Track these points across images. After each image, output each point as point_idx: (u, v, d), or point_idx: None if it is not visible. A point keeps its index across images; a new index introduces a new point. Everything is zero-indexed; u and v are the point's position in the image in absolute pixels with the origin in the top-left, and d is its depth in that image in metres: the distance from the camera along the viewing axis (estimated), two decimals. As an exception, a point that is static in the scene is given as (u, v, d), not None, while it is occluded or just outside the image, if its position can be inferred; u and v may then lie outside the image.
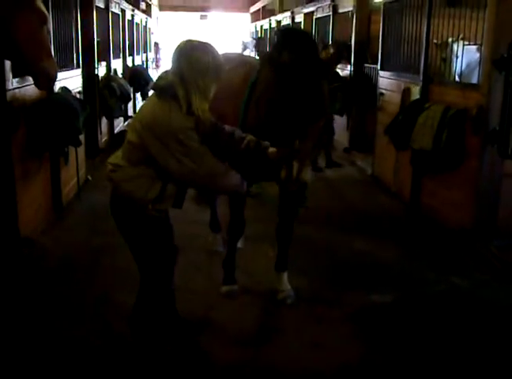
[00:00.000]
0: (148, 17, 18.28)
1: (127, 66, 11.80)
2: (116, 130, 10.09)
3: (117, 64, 10.56)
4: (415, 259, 4.95)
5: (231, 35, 29.44)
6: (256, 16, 23.05)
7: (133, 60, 12.92)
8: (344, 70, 9.40)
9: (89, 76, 7.88)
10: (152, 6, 21.40)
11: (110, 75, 9.40)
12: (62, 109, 5.01)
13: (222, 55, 3.03)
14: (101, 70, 8.86)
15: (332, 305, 4.06)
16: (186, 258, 3.49)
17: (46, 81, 4.17)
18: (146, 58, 16.64)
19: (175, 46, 2.88)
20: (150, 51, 19.16)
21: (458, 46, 5.88)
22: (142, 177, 2.91)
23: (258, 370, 3.27)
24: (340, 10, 9.74)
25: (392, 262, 4.86)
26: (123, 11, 11.67)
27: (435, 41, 6.17)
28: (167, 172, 2.90)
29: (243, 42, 24.00)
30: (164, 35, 28.20)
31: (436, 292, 4.32)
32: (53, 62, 4.07)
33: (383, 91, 7.48)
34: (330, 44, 8.82)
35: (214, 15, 27.48)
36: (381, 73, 7.67)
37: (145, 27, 17.38)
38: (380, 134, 7.01)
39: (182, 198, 3.08)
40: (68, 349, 3.40)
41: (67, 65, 6.40)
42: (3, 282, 4.16)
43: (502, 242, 4.87)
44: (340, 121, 9.27)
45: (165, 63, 25.76)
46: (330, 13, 10.02)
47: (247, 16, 25.86)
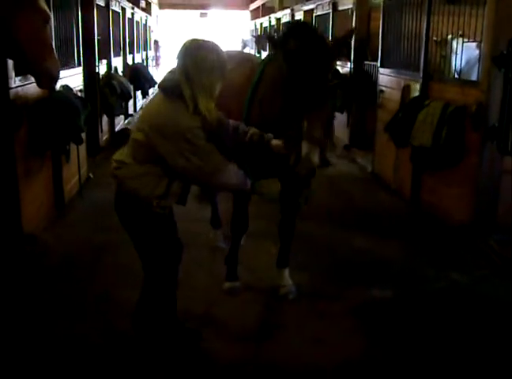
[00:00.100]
0: (148, 15, 18.31)
1: (127, 64, 11.82)
2: (117, 128, 10.11)
3: (117, 62, 10.58)
4: (415, 255, 4.98)
5: (230, 32, 29.44)
6: (256, 13, 23.03)
7: (133, 58, 12.95)
8: (344, 67, 9.42)
9: (90, 74, 7.90)
10: (152, 4, 21.39)
11: (110, 73, 9.42)
12: (64, 107, 5.03)
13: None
14: (102, 68, 8.88)
15: (333, 300, 4.09)
16: (188, 255, 3.50)
17: (48, 81, 4.18)
18: (146, 56, 16.67)
19: (180, 45, 2.89)
20: (150, 49, 19.19)
21: (457, 43, 5.89)
22: (148, 175, 2.92)
23: (260, 367, 3.29)
24: (339, 8, 9.74)
25: (392, 258, 4.88)
26: (123, 9, 11.70)
27: (435, 38, 6.19)
28: (174, 170, 2.91)
29: (243, 39, 24.02)
30: (164, 33, 28.22)
31: (436, 288, 4.35)
32: (55, 61, 4.08)
33: (383, 88, 7.50)
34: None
35: (214, 13, 27.47)
36: (381, 71, 7.69)
37: (145, 25, 17.40)
38: (380, 131, 7.03)
39: (186, 195, 3.10)
40: (69, 346, 3.41)
41: (68, 63, 6.42)
42: (6, 279, 4.18)
43: (501, 238, 4.90)
44: (340, 118, 9.30)
45: (165, 61, 25.81)
46: (330, 11, 10.02)
47: (247, 13, 25.84)
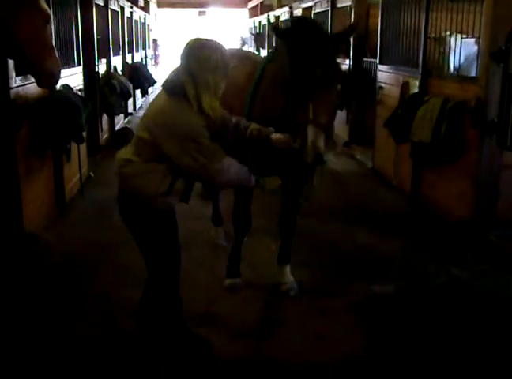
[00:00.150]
0: (146, 14, 18.32)
1: (127, 63, 11.84)
2: (117, 127, 10.12)
3: (117, 61, 10.60)
4: (416, 251, 5.00)
5: (229, 30, 29.42)
6: (254, 11, 23.02)
7: (132, 57, 12.96)
8: (343, 64, 9.43)
9: (90, 73, 7.91)
10: (151, 3, 21.41)
11: (110, 72, 9.43)
12: (65, 106, 5.05)
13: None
14: (101, 68, 8.90)
15: (334, 296, 4.11)
16: (189, 253, 3.52)
17: (48, 81, 4.19)
18: (145, 55, 16.69)
19: (182, 44, 2.91)
20: (149, 48, 19.20)
21: (455, 40, 5.89)
22: (153, 172, 2.93)
23: (261, 363, 3.30)
24: (338, 5, 9.75)
25: (393, 254, 4.90)
26: (122, 8, 11.71)
27: (432, 35, 6.20)
28: (179, 168, 2.93)
29: (242, 37, 23.99)
30: (163, 31, 28.21)
31: (437, 283, 4.37)
32: (56, 61, 4.08)
33: (382, 85, 7.51)
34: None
35: (212, 11, 27.47)
36: (380, 67, 7.71)
37: (144, 24, 17.42)
38: (380, 128, 7.05)
39: (189, 193, 3.12)
40: (69, 345, 3.41)
41: (68, 62, 6.43)
42: (8, 277, 4.20)
43: (501, 233, 4.92)
44: (339, 115, 9.29)
45: (164, 60, 25.80)
46: (329, 8, 10.03)
47: (245, 11, 25.83)
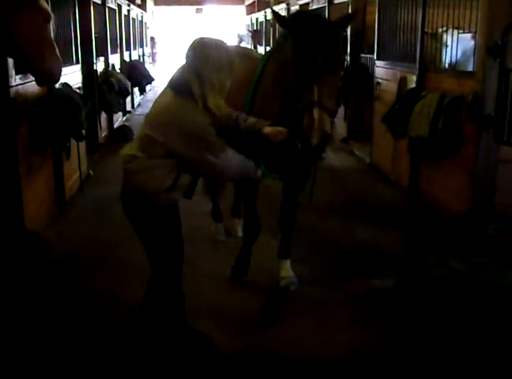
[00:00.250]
0: (143, 12, 18.34)
1: (125, 61, 11.86)
2: (115, 125, 10.14)
3: (114, 59, 10.62)
4: (414, 245, 5.03)
5: (226, 28, 29.43)
6: (251, 8, 23.03)
7: (130, 55, 12.98)
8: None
9: (88, 71, 7.93)
10: (148, 1, 21.42)
11: (108, 70, 9.46)
12: (65, 104, 5.06)
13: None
14: (99, 65, 8.92)
15: (335, 290, 4.14)
16: (190, 248, 3.54)
17: (48, 80, 4.20)
18: (143, 53, 16.72)
19: (189, 43, 2.93)
20: (146, 46, 19.23)
21: (449, 35, 5.91)
22: (158, 168, 2.95)
23: (261, 358, 3.32)
24: (335, 1, 9.74)
25: (392, 249, 4.93)
26: (119, 6, 11.74)
27: (429, 31, 6.21)
28: (185, 164, 2.96)
29: (239, 34, 24.02)
30: (160, 29, 28.21)
31: (436, 276, 4.41)
32: (57, 60, 4.07)
33: (380, 80, 7.54)
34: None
35: (209, 8, 27.47)
36: (377, 63, 7.73)
37: (141, 21, 17.44)
38: (377, 123, 7.08)
39: (193, 189, 3.14)
40: (70, 341, 3.43)
41: (66, 60, 6.43)
42: (10, 275, 4.22)
43: (499, 226, 4.96)
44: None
45: (161, 57, 25.80)
46: (326, 4, 10.03)
47: (242, 8, 25.85)
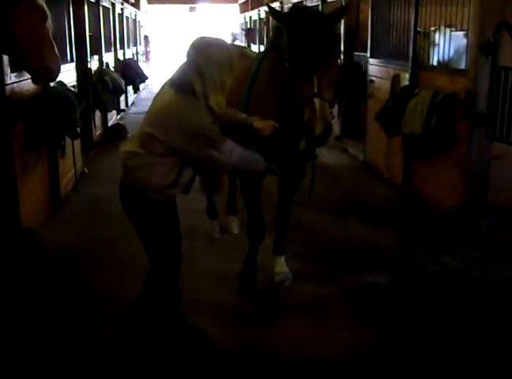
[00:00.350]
0: (137, 11, 18.32)
1: (118, 60, 11.86)
2: (110, 123, 10.15)
3: (108, 57, 10.62)
4: (408, 241, 5.07)
5: (220, 26, 29.41)
6: (245, 7, 23.02)
7: (124, 53, 12.99)
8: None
9: (83, 70, 7.94)
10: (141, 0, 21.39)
11: (102, 69, 9.47)
12: (60, 102, 5.08)
13: None
14: (94, 64, 8.92)
15: (329, 286, 4.17)
16: (187, 245, 3.56)
17: (43, 79, 4.20)
18: (136, 51, 16.71)
19: (190, 43, 2.96)
20: (140, 45, 19.22)
21: (443, 34, 5.94)
22: (158, 165, 2.97)
23: (256, 353, 3.34)
24: (329, -1, 9.80)
25: (386, 245, 4.97)
26: (113, 5, 11.75)
27: (419, 29, 6.25)
28: (188, 161, 2.99)
29: (233, 33, 24.02)
30: (154, 28, 28.18)
31: (429, 272, 4.45)
32: (55, 58, 4.06)
33: (373, 78, 7.58)
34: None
35: (203, 7, 27.45)
36: (370, 61, 7.77)
37: (135, 20, 17.43)
38: (371, 121, 7.11)
39: (191, 185, 3.17)
40: (68, 341, 3.44)
41: (61, 59, 6.43)
42: (6, 273, 4.23)
43: (492, 222, 5.01)
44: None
45: (155, 56, 25.78)
46: (319, 3, 10.06)
47: (236, 7, 25.84)
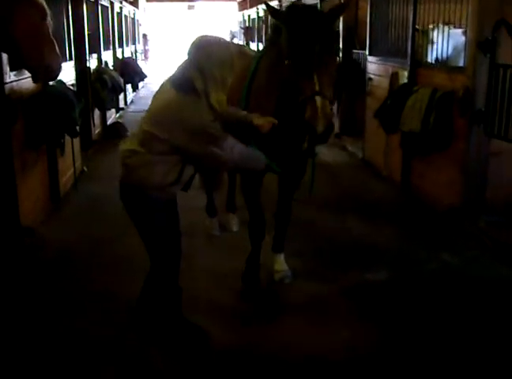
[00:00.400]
0: (135, 9, 18.31)
1: (117, 58, 11.87)
2: (109, 122, 10.15)
3: (107, 56, 10.63)
4: (407, 239, 5.08)
5: (218, 24, 29.37)
6: (243, 5, 22.98)
7: (122, 52, 12.99)
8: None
9: (81, 68, 7.94)
10: (139, -2, 21.36)
11: (101, 67, 9.47)
12: (59, 101, 5.09)
13: None
14: (92, 62, 8.93)
15: (328, 284, 4.18)
16: (187, 242, 3.56)
17: (44, 77, 4.20)
18: (135, 50, 16.70)
19: (191, 41, 2.98)
20: (139, 43, 19.21)
21: (437, 32, 5.94)
22: (160, 163, 2.97)
23: (255, 352, 3.34)
24: (327, -3, 9.79)
25: (385, 242, 4.98)
26: (112, 3, 11.76)
27: (417, 27, 6.25)
28: (189, 159, 3.00)
29: (231, 31, 23.98)
30: (152, 26, 28.15)
31: (428, 269, 4.47)
32: (56, 57, 4.05)
33: (372, 76, 7.58)
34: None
35: (201, 5, 27.42)
36: (369, 59, 7.77)
37: (133, 19, 17.43)
38: (369, 119, 7.13)
39: (190, 183, 3.17)
40: (68, 340, 3.44)
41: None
42: (6, 272, 4.23)
43: (490, 219, 5.02)
44: (330, 107, 9.34)
45: (154, 54, 25.74)
46: (318, 1, 10.07)
47: (234, 5, 25.81)
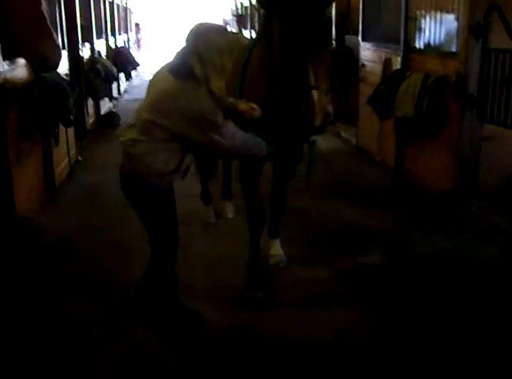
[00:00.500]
0: (127, -2, 18.22)
1: (110, 47, 11.84)
2: (103, 111, 10.14)
3: (100, 45, 10.60)
4: (400, 223, 5.12)
5: (211, 13, 29.23)
6: (236, -8, 22.88)
7: (115, 41, 12.96)
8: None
9: (74, 58, 7.92)
10: (131, -14, 21.23)
11: (94, 57, 9.46)
12: (53, 90, 5.08)
13: None
14: (85, 52, 8.91)
15: (322, 268, 4.22)
16: (184, 230, 3.58)
17: (42, 69, 4.20)
18: (128, 39, 16.65)
19: (189, 28, 3.00)
20: (131, 31, 19.14)
21: (431, 17, 5.94)
22: (162, 151, 2.99)
23: (251, 337, 3.37)
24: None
25: (379, 227, 5.02)
26: (104, -8, 11.69)
27: (411, 13, 6.24)
28: (191, 146, 3.02)
29: (224, 19, 23.91)
30: (144, 15, 28.03)
31: (421, 252, 4.52)
32: (53, 47, 4.04)
33: (365, 62, 7.59)
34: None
35: (193, -7, 27.31)
36: (362, 45, 7.77)
37: (126, 7, 17.35)
38: (363, 105, 7.14)
39: (187, 170, 3.21)
40: (67, 328, 3.45)
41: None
42: (3, 261, 4.25)
43: (482, 203, 5.07)
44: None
45: (146, 43, 25.65)
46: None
47: (227, -8, 25.66)
